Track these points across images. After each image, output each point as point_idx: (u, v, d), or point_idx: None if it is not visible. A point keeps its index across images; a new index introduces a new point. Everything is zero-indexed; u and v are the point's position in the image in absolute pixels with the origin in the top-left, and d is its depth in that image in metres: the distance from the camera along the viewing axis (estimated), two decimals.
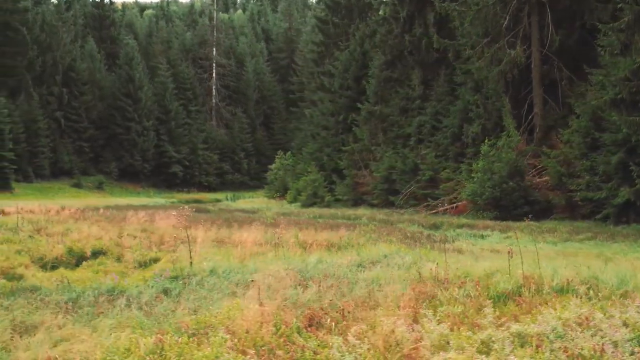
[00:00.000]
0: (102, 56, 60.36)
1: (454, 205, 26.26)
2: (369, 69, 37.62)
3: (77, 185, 52.95)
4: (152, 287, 8.03)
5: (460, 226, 20.71)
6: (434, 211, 26.50)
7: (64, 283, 9.03)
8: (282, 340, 4.63)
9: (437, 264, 7.96)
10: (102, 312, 6.55)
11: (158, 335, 4.71)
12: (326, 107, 39.75)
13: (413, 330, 4.80)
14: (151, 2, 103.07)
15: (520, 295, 6.24)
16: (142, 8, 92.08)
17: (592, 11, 23.60)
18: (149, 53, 64.01)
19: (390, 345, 4.46)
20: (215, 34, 68.83)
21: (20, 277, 9.95)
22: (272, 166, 45.74)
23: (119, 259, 12.04)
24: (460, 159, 28.46)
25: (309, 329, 5.04)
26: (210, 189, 61.17)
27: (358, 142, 34.56)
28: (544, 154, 24.05)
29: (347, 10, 42.46)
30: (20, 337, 5.53)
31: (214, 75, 68.04)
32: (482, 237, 18.02)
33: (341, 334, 4.78)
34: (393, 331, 4.54)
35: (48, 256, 11.91)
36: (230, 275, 9.05)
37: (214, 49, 68.34)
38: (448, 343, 4.56)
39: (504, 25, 26.53)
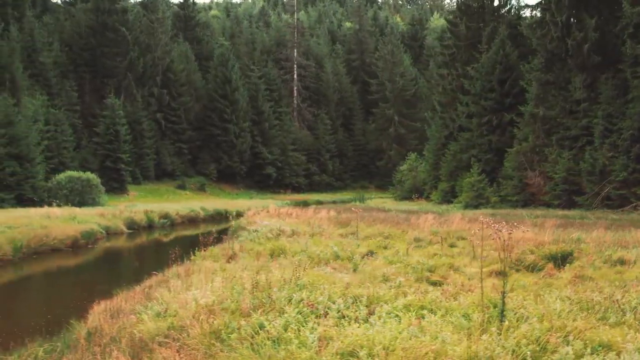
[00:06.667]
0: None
1: None
2: (514, 71, 38.29)
3: (181, 187, 52.93)
4: None
5: None
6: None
7: None
8: None
9: None
10: None
11: None
12: (466, 109, 40.22)
13: None
14: (204, 3, 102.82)
15: None
16: (205, 9, 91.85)
17: None
18: (234, 54, 63.99)
19: None
20: (296, 35, 68.98)
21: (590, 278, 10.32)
22: (402, 167, 46.15)
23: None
24: None
25: None
26: (299, 189, 61.38)
27: (520, 143, 35.10)
28: None
29: (478, 13, 43.00)
30: None
31: (295, 76, 68.25)
32: None
33: None
34: None
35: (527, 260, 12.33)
36: None
37: (295, 50, 68.52)
38: None
39: None
